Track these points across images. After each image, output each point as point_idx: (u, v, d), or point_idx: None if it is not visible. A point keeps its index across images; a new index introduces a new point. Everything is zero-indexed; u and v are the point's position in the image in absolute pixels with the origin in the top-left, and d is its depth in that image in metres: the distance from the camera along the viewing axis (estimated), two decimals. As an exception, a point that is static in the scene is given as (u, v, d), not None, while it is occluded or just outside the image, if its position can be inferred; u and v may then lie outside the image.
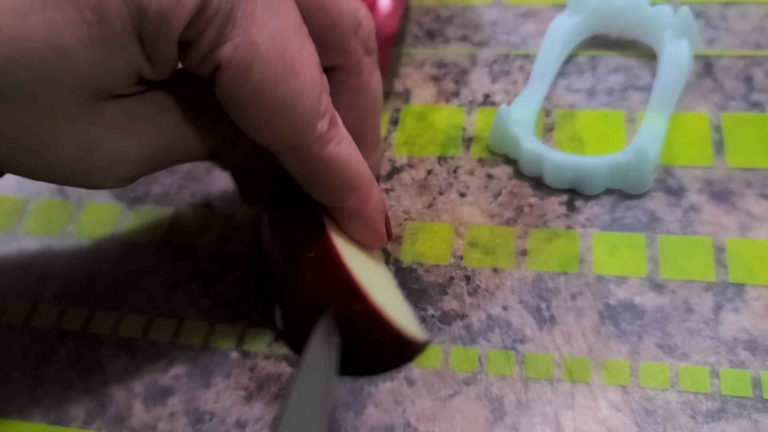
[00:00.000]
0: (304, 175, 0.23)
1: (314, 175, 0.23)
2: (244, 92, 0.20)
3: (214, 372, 0.27)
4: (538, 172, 0.30)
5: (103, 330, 0.29)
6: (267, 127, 0.21)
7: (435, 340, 0.27)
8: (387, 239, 0.27)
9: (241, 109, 0.20)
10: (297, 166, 0.23)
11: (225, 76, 0.19)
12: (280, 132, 0.21)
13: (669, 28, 0.31)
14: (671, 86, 0.30)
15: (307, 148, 0.22)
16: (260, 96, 0.20)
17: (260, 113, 0.20)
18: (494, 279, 0.28)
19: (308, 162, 0.22)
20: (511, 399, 0.25)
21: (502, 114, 0.30)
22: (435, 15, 0.38)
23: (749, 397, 0.24)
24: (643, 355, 0.25)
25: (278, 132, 0.21)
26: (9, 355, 0.29)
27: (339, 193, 0.24)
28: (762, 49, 0.33)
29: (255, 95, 0.20)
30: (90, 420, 0.27)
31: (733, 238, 0.27)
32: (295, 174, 0.23)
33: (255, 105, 0.20)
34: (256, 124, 0.21)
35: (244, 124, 0.21)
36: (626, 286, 0.27)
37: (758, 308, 0.26)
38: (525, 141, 0.30)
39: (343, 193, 0.24)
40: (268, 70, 0.19)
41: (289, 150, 0.22)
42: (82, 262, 0.31)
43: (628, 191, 0.29)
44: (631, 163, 0.28)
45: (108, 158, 0.20)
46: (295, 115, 0.21)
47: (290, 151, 0.22)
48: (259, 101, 0.20)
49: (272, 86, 0.20)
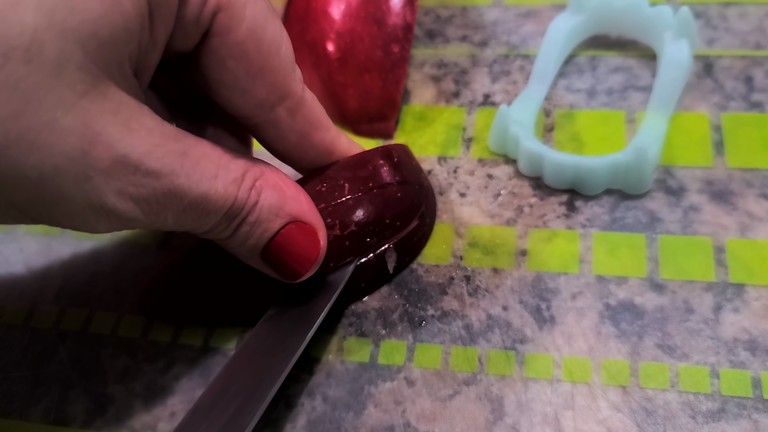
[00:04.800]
0: (297, 128, 0.25)
1: (305, 123, 0.25)
2: (242, 34, 0.21)
3: (213, 372, 0.27)
4: (537, 172, 0.30)
5: (102, 330, 0.29)
6: (263, 73, 0.22)
7: (435, 341, 0.27)
8: None
9: (240, 56, 0.22)
10: (290, 117, 0.24)
11: (224, 19, 0.21)
12: (275, 77, 0.23)
13: (669, 28, 0.31)
14: (671, 86, 0.30)
15: (296, 90, 0.24)
16: (256, 35, 0.22)
17: (257, 56, 0.22)
18: (494, 279, 0.28)
19: (299, 107, 0.24)
20: (511, 399, 0.25)
21: (502, 114, 0.30)
22: (435, 15, 0.38)
23: (749, 398, 0.24)
24: (643, 356, 0.25)
25: (273, 77, 0.23)
26: (9, 355, 0.29)
27: (327, 135, 0.26)
28: (762, 50, 0.33)
29: (251, 35, 0.21)
30: (90, 420, 0.27)
31: (733, 238, 0.27)
32: (288, 132, 0.25)
33: (252, 47, 0.22)
34: (254, 72, 0.22)
35: (242, 80, 0.22)
36: (626, 286, 0.27)
37: (758, 308, 0.26)
38: (525, 141, 0.30)
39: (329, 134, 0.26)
40: (257, 8, 0.22)
41: (283, 99, 0.23)
42: (82, 262, 0.31)
43: (628, 191, 0.29)
44: (631, 164, 0.28)
45: (110, 157, 0.19)
46: (283, 56, 0.23)
47: (283, 99, 0.23)
48: (255, 41, 0.22)
49: (263, 25, 0.22)
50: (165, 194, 0.20)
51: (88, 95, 0.18)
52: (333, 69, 0.32)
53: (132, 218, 0.20)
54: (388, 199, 0.27)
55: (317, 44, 0.32)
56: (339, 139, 0.27)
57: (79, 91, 0.18)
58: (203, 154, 0.21)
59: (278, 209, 0.23)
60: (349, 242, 0.26)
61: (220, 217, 0.22)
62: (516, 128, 0.30)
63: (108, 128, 0.18)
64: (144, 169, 0.19)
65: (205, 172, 0.21)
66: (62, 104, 0.17)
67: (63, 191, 0.18)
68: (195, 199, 0.21)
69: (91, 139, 0.18)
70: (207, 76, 0.22)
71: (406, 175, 0.28)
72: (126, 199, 0.19)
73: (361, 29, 0.32)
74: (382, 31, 0.32)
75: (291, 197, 0.24)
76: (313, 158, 0.26)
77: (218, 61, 0.22)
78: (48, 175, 0.18)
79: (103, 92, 0.18)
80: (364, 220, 0.26)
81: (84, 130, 0.18)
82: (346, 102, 0.33)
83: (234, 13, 0.21)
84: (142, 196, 0.20)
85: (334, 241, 0.26)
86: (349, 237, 0.26)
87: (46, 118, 0.17)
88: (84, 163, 0.18)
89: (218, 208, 0.22)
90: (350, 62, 0.32)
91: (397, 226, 0.27)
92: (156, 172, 0.20)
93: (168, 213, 0.21)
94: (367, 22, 0.32)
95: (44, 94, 0.17)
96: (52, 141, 0.17)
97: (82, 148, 0.18)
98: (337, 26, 0.32)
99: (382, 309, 0.28)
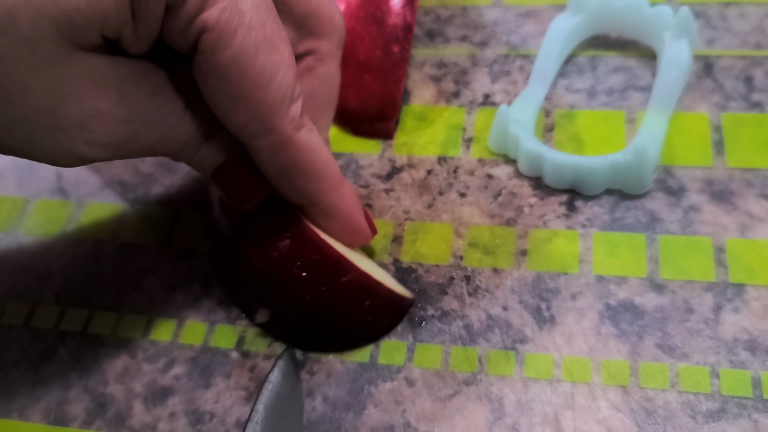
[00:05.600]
0: (277, 165, 0.23)
1: (287, 164, 0.23)
2: (225, 59, 0.20)
3: (214, 372, 0.27)
4: (537, 172, 0.30)
5: (103, 330, 0.29)
6: (244, 102, 0.21)
7: (435, 341, 0.27)
8: (371, 233, 0.27)
9: (221, 79, 0.21)
10: (270, 153, 0.23)
11: (209, 40, 0.20)
12: (257, 109, 0.21)
13: (669, 28, 0.31)
14: (671, 86, 0.30)
15: (282, 129, 0.22)
16: (241, 64, 0.20)
17: (239, 84, 0.21)
18: (494, 279, 0.28)
19: (282, 147, 0.23)
20: (511, 399, 0.25)
21: (502, 114, 0.30)
22: (435, 15, 0.38)
23: (749, 398, 0.24)
24: (643, 356, 0.25)
25: (255, 109, 0.21)
26: (9, 355, 0.29)
27: (311, 184, 0.24)
28: (762, 50, 0.33)
29: (236, 63, 0.20)
30: (90, 420, 0.27)
31: (733, 238, 0.27)
32: (267, 165, 0.23)
33: (235, 74, 0.20)
34: (234, 98, 0.21)
35: (222, 100, 0.21)
36: (626, 286, 0.27)
37: (758, 308, 0.26)
38: (525, 141, 0.30)
39: (315, 185, 0.24)
40: (250, 37, 0.20)
41: (264, 133, 0.22)
42: (82, 262, 0.31)
43: (628, 191, 0.29)
44: (631, 164, 0.28)
45: (81, 112, 0.20)
46: (272, 91, 0.21)
47: (265, 134, 0.22)
48: (239, 69, 0.20)
49: (253, 55, 0.20)
50: (135, 135, 0.21)
51: (62, 64, 0.19)
52: (333, 69, 0.32)
53: (101, 158, 0.21)
54: None
55: (317, 44, 0.32)
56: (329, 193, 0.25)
57: (53, 60, 0.19)
58: (175, 89, 0.22)
59: None
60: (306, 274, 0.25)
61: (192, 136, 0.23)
62: (516, 128, 0.30)
63: (80, 88, 0.19)
64: (115, 118, 0.20)
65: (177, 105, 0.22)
66: (34, 71, 0.19)
67: (33, 137, 0.20)
68: (165, 133, 0.22)
69: (62, 97, 0.19)
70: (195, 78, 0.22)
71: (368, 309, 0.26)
72: (97, 146, 0.21)
73: (361, 29, 0.32)
74: (382, 31, 0.32)
75: None
76: (291, 197, 0.25)
77: (202, 75, 0.21)
78: (18, 119, 0.19)
79: (77, 59, 0.19)
80: None
81: (54, 91, 0.19)
82: (346, 102, 0.33)
83: (220, 37, 0.20)
84: (112, 142, 0.21)
85: None
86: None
87: (17, 78, 0.18)
88: (54, 115, 0.19)
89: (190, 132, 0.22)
90: (350, 62, 0.32)
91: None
92: (126, 118, 0.21)
93: (138, 149, 0.22)
94: (367, 22, 0.32)
95: (16, 61, 0.18)
96: (21, 97, 0.19)
97: (53, 104, 0.19)
98: (337, 26, 0.32)
99: (382, 309, 0.28)
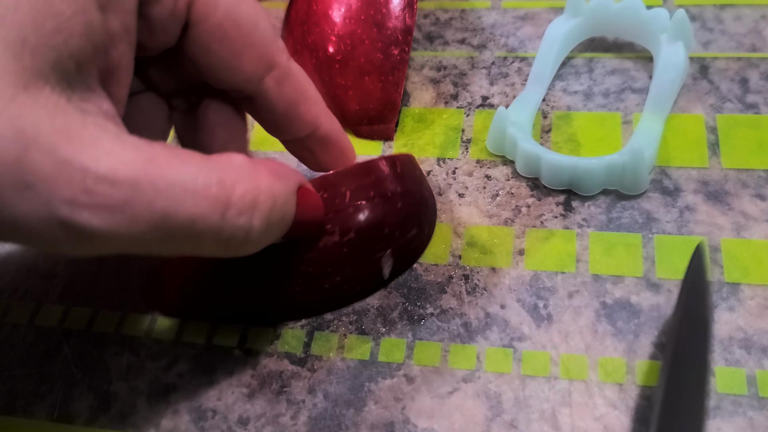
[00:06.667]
0: (285, 99, 0.25)
1: (292, 95, 0.25)
2: (219, 16, 0.22)
3: (216, 370, 0.28)
4: (535, 173, 0.30)
5: (106, 329, 0.30)
6: (246, 49, 0.23)
7: (434, 338, 0.27)
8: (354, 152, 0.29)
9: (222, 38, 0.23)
10: (278, 88, 0.25)
11: (199, 5, 0.22)
12: (258, 51, 0.24)
13: (665, 31, 0.32)
14: (667, 88, 0.31)
15: (281, 60, 0.24)
16: (232, 16, 0.23)
17: (238, 34, 0.23)
18: (492, 278, 0.28)
19: (285, 78, 0.25)
20: (509, 396, 0.25)
21: (500, 116, 0.30)
22: (434, 18, 0.38)
23: (744, 395, 0.24)
24: (639, 354, 0.25)
25: (257, 52, 0.24)
26: (14, 353, 0.29)
27: (313, 107, 0.26)
28: (757, 52, 0.33)
29: (228, 16, 0.23)
30: (94, 417, 0.27)
31: (728, 237, 0.28)
32: (277, 102, 0.25)
33: (231, 27, 0.23)
34: (238, 50, 0.23)
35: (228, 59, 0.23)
36: (622, 285, 0.27)
37: (753, 307, 0.26)
38: (522, 142, 0.30)
39: (315, 108, 0.26)
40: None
41: (269, 70, 0.24)
42: (86, 261, 0.32)
43: (624, 192, 0.30)
44: (627, 164, 0.28)
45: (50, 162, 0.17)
46: (262, 29, 0.24)
47: (270, 71, 0.24)
48: (233, 22, 0.23)
49: (237, 4, 0.23)
50: (127, 202, 0.18)
51: (18, 99, 0.17)
52: (334, 71, 0.33)
53: (97, 232, 0.18)
54: (388, 209, 0.27)
55: (318, 47, 0.33)
56: (324, 116, 0.27)
57: (8, 95, 0.17)
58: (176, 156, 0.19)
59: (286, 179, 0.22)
60: (347, 249, 0.26)
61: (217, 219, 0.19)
62: (513, 130, 0.30)
63: (44, 134, 0.17)
64: (94, 175, 0.17)
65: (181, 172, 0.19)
66: None
67: (4, 201, 0.17)
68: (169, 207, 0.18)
69: (25, 144, 0.17)
70: (196, 63, 0.24)
71: (409, 186, 0.28)
72: (80, 208, 0.17)
73: (362, 32, 0.32)
74: (382, 33, 0.32)
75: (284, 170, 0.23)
76: (298, 129, 0.27)
77: (203, 47, 0.23)
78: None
79: (34, 96, 0.17)
80: (363, 227, 0.26)
81: (17, 137, 0.17)
82: (346, 104, 0.33)
83: (207, 3, 0.22)
84: (99, 205, 0.17)
85: (333, 247, 0.26)
86: (347, 244, 0.26)
87: None
88: (21, 168, 0.17)
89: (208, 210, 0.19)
90: (351, 65, 0.32)
91: (396, 235, 0.27)
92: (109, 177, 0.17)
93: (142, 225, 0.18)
94: (367, 25, 0.32)
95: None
96: None
97: (17, 154, 0.17)
98: (338, 29, 0.32)
99: (382, 307, 0.28)
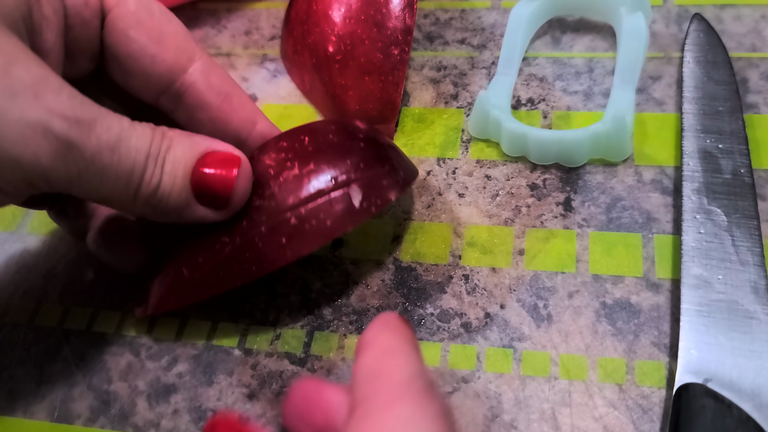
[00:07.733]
0: (215, 89, 0.26)
1: (220, 84, 0.26)
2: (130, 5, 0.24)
3: (216, 370, 0.28)
4: (522, 151, 0.31)
5: (106, 328, 0.30)
6: (165, 37, 0.25)
7: (434, 338, 0.27)
8: None
9: (138, 24, 0.24)
10: (206, 79, 0.26)
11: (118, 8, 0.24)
12: (175, 40, 0.25)
13: (624, 3, 0.33)
14: (633, 58, 0.32)
15: (200, 50, 0.26)
16: (144, 6, 0.25)
17: (153, 22, 0.25)
18: (492, 278, 0.28)
19: (209, 67, 0.26)
20: (509, 396, 0.25)
21: (482, 99, 0.31)
22: (434, 18, 0.38)
23: (743, 395, 0.24)
24: (639, 354, 0.26)
25: (175, 41, 0.25)
26: (14, 353, 0.29)
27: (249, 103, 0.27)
28: (757, 52, 0.33)
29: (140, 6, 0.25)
30: (94, 417, 0.27)
31: (727, 238, 0.28)
32: (207, 94, 0.26)
33: (147, 15, 0.25)
34: (156, 36, 0.25)
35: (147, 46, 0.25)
36: (622, 285, 0.27)
37: (752, 307, 0.26)
38: (507, 123, 0.31)
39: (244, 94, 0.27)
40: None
41: (192, 61, 0.26)
42: (86, 261, 0.32)
43: (610, 159, 0.30)
44: (611, 132, 0.29)
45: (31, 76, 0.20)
46: (176, 23, 0.25)
47: (193, 61, 0.26)
48: (146, 10, 0.25)
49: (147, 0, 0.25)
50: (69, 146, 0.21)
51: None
52: (334, 71, 0.33)
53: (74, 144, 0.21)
54: (350, 147, 0.27)
55: (318, 47, 0.33)
56: (259, 112, 0.28)
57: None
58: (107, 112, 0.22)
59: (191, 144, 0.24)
60: (308, 179, 0.26)
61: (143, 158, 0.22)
62: (497, 112, 0.31)
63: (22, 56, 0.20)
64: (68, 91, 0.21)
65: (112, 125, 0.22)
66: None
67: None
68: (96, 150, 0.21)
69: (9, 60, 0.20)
70: (119, 57, 0.25)
71: (372, 136, 0.28)
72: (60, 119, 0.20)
73: (362, 32, 0.32)
74: (382, 33, 0.32)
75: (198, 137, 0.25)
76: (238, 123, 0.27)
77: (121, 34, 0.24)
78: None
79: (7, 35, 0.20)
80: (323, 160, 0.26)
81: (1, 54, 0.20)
82: (346, 104, 0.33)
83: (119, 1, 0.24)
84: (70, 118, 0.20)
85: (293, 179, 0.26)
86: (308, 174, 0.26)
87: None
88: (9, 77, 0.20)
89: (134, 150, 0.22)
90: (351, 64, 0.32)
91: (360, 167, 0.27)
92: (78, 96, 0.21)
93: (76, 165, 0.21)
94: (367, 25, 0.32)
95: None
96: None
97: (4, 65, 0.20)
98: (338, 29, 0.32)
99: (382, 307, 0.28)
